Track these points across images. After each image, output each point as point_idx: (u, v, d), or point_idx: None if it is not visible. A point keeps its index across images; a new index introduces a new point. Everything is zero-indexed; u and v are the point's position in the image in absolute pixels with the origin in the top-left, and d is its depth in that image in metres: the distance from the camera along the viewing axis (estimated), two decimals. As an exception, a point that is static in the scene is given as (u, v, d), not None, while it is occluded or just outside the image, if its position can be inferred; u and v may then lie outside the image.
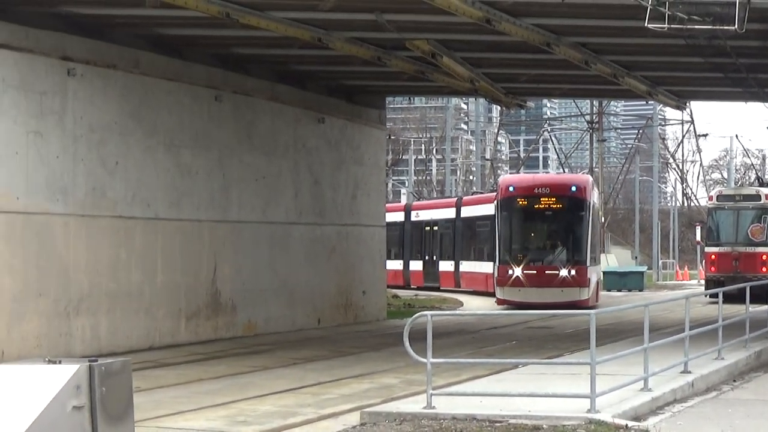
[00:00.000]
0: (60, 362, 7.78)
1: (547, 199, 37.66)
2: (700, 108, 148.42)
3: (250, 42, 25.45)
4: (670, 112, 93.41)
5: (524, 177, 47.17)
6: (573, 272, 36.76)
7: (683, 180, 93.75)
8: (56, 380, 7.52)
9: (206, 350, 23.81)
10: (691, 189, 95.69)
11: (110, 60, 23.43)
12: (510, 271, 36.93)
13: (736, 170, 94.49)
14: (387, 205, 60.36)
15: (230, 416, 14.96)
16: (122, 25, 23.60)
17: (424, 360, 13.99)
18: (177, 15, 22.36)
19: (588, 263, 37.15)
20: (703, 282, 47.77)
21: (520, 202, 37.79)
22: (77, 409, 7.54)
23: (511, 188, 38.22)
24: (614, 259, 69.26)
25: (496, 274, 37.97)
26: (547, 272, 36.92)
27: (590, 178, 41.70)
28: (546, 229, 38.43)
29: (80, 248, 22.62)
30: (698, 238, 49.57)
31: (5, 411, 7.36)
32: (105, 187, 23.34)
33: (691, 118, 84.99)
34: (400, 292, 46.66)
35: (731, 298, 22.74)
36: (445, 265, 50.28)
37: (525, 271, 36.82)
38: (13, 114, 21.07)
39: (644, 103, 46.40)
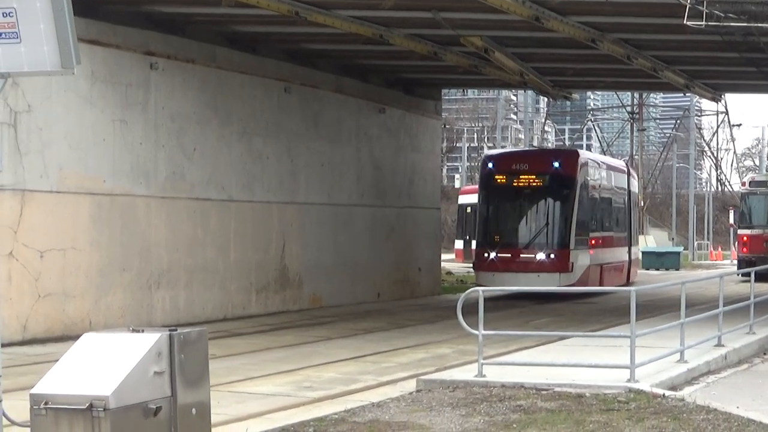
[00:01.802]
0: (143, 331, 7.84)
1: (526, 176, 31.50)
2: (734, 99, 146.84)
3: (317, 38, 25.45)
4: (706, 104, 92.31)
5: (505, 152, 39.68)
6: (552, 256, 30.51)
7: (718, 167, 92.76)
8: (140, 347, 7.58)
9: (274, 321, 23.91)
10: (725, 175, 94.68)
11: (189, 55, 23.54)
12: (486, 254, 30.95)
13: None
14: (465, 187, 60.12)
15: (296, 382, 15.01)
16: (200, 23, 23.69)
17: (476, 332, 13.96)
18: (250, 13, 22.41)
19: (572, 246, 30.88)
20: (735, 262, 47.27)
21: (499, 180, 31.69)
22: (158, 374, 7.59)
23: (490, 165, 32.41)
24: (652, 240, 68.76)
25: (474, 258, 32.25)
26: (522, 256, 30.75)
27: (582, 154, 34.80)
28: (525, 209, 31.74)
29: (161, 227, 22.77)
30: (731, 221, 49.01)
31: (95, 374, 7.44)
32: (183, 171, 23.47)
33: (726, 109, 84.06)
34: (454, 269, 46.53)
35: (762, 277, 22.52)
36: None
37: (500, 255, 30.74)
38: (101, 104, 21.23)
39: (682, 95, 45.67)
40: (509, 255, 30.61)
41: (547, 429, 10.85)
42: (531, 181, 31.32)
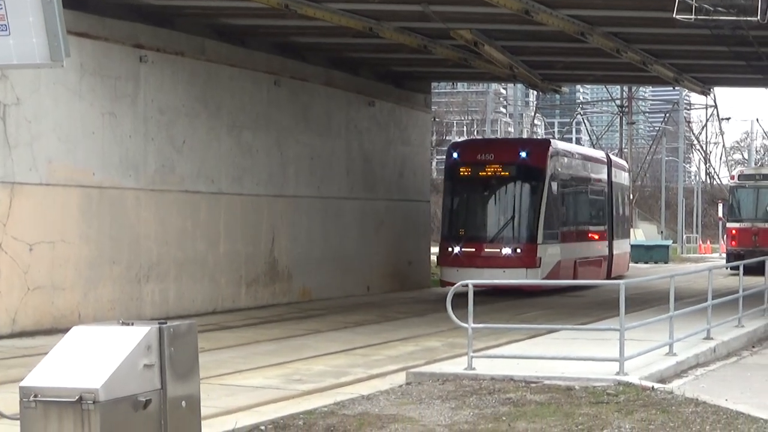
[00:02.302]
0: (132, 324, 7.83)
1: (492, 166, 29.66)
2: (723, 93, 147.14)
3: (306, 31, 25.43)
4: (695, 97, 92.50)
5: (471, 141, 37.17)
6: (518, 251, 28.79)
7: (707, 160, 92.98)
8: (129, 340, 7.57)
9: (264, 314, 23.91)
10: (714, 169, 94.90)
11: (178, 48, 23.50)
12: (450, 249, 29.29)
13: (756, 151, 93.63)
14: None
15: (286, 375, 15.02)
16: (189, 15, 23.64)
17: (466, 325, 13.98)
18: (240, 6, 22.39)
19: (540, 240, 29.11)
20: (724, 255, 47.38)
21: (463, 171, 29.94)
22: (148, 367, 7.59)
23: (454, 154, 30.49)
24: (641, 233, 68.84)
25: (438, 252, 30.41)
26: (486, 250, 28.95)
27: (553, 143, 32.64)
28: (490, 202, 29.95)
29: (150, 220, 22.74)
30: (720, 214, 49.11)
31: (84, 367, 7.43)
32: (173, 164, 23.44)
33: (715, 102, 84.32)
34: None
35: (751, 271, 22.55)
36: None
37: (464, 249, 29.04)
38: (90, 97, 21.19)
39: (671, 88, 45.61)
40: (473, 250, 28.98)
41: (537, 422, 10.87)
42: (497, 171, 29.66)
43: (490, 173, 29.63)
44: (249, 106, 25.84)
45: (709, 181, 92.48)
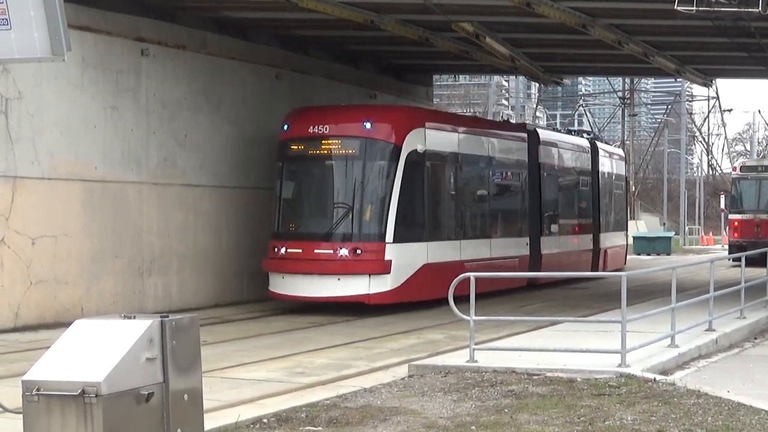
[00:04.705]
0: (134, 318, 7.83)
1: (328, 141, 22.88)
2: (725, 85, 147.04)
3: (308, 24, 25.41)
4: (697, 89, 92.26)
5: (306, 109, 24.40)
6: (359, 252, 22.14)
7: (709, 152, 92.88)
8: (131, 334, 7.58)
9: (266, 307, 23.89)
10: (716, 160, 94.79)
11: (180, 41, 23.49)
12: (276, 249, 22.82)
13: (759, 143, 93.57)
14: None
15: (289, 368, 15.03)
16: (191, 9, 23.62)
17: (468, 317, 13.98)
18: (241, -1, 22.39)
19: (391, 238, 22.38)
20: (726, 247, 47.38)
21: (294, 148, 23.20)
22: (150, 361, 7.59)
23: (285, 126, 23.62)
24: (644, 225, 68.86)
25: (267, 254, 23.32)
26: (317, 251, 22.34)
27: (420, 111, 26.72)
28: (325, 188, 23.15)
29: (152, 213, 22.75)
30: (722, 206, 49.10)
31: (87, 361, 7.44)
32: (175, 158, 23.45)
33: (717, 94, 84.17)
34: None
35: (753, 262, 22.55)
36: None
37: (290, 250, 22.53)
38: (92, 91, 21.19)
39: (673, 80, 45.55)
40: (301, 251, 22.47)
41: (539, 414, 10.87)
42: (335, 148, 22.91)
43: (325, 151, 22.97)
44: (251, 99, 25.83)
45: (711, 172, 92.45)
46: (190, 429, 7.89)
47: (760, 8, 18.88)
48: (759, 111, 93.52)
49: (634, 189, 65.50)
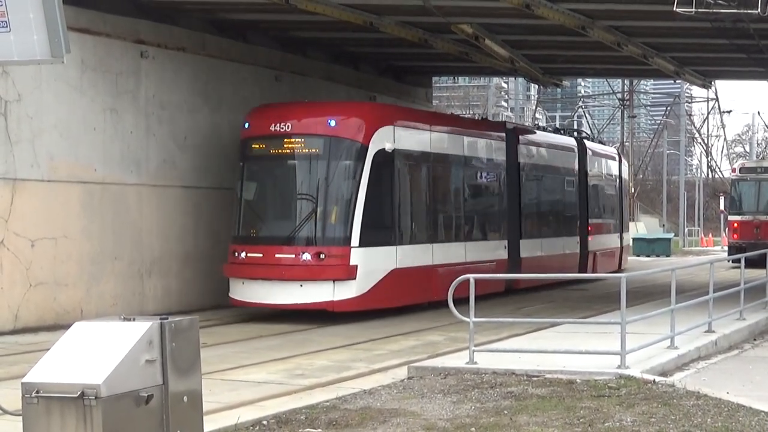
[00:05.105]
0: (134, 320, 7.83)
1: (291, 140, 21.97)
2: (724, 86, 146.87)
3: (307, 26, 25.42)
4: (696, 90, 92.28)
5: (268, 106, 23.47)
6: (322, 256, 21.10)
7: (708, 153, 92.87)
8: (131, 336, 7.58)
9: (267, 309, 23.84)
10: (715, 162, 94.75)
11: (179, 43, 23.49)
12: (236, 254, 21.96)
13: (758, 144, 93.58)
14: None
15: (289, 370, 15.03)
16: (190, 11, 23.64)
17: (467, 319, 13.98)
18: (241, 1, 22.41)
19: (356, 242, 21.34)
20: (726, 248, 47.40)
21: (255, 147, 22.41)
22: (150, 363, 7.59)
23: (246, 124, 22.76)
24: (643, 226, 68.84)
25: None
26: (278, 256, 21.36)
27: (389, 109, 25.05)
28: (287, 189, 22.36)
29: (152, 215, 22.75)
30: (722, 207, 49.14)
31: (86, 363, 7.44)
32: (174, 160, 23.45)
33: (716, 95, 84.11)
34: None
35: (752, 263, 22.56)
36: None
37: (250, 255, 21.72)
38: (92, 93, 21.19)
39: (672, 81, 45.41)
40: (261, 255, 21.58)
41: (538, 415, 10.87)
42: (297, 147, 21.96)
43: (288, 150, 22.02)
44: (250, 100, 25.80)
45: (710, 174, 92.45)
46: (190, 431, 7.89)
47: (759, 10, 18.89)
48: (758, 112, 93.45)
49: (633, 190, 65.47)
